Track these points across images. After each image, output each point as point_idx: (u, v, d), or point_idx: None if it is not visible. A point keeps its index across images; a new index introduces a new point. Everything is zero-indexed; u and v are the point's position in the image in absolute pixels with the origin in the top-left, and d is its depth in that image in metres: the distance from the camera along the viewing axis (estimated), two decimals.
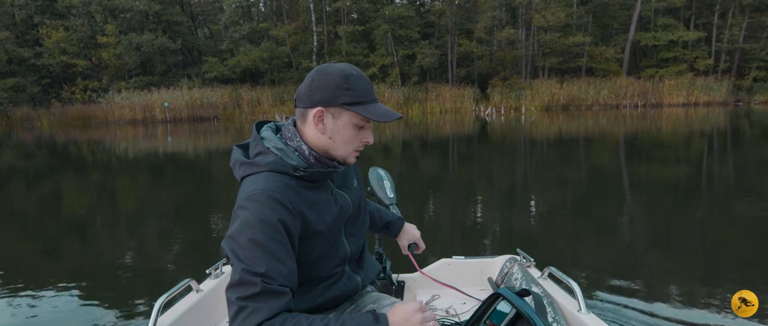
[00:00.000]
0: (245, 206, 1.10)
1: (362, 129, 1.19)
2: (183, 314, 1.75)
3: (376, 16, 27.99)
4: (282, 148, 1.18)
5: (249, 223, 1.07)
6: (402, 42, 27.88)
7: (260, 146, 1.20)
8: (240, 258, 1.05)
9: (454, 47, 28.39)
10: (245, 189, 1.14)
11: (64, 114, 26.95)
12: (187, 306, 1.81)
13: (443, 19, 28.43)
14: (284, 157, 1.17)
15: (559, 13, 26.87)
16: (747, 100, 27.27)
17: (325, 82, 1.14)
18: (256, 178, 1.15)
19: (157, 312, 1.57)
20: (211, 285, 1.99)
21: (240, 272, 1.04)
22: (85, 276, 3.85)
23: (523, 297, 1.49)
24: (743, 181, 6.94)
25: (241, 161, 1.21)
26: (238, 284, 1.04)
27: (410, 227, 1.74)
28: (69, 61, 28.27)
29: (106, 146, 15.96)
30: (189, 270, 3.90)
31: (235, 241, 1.07)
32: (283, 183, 1.13)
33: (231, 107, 26.55)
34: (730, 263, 3.66)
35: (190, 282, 1.84)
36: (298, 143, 1.19)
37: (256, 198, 1.09)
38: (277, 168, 1.15)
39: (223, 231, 4.98)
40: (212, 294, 1.94)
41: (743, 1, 26.79)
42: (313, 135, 1.18)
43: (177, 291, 1.71)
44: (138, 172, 10.27)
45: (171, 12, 29.38)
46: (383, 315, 1.08)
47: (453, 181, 7.93)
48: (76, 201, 7.42)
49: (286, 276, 1.08)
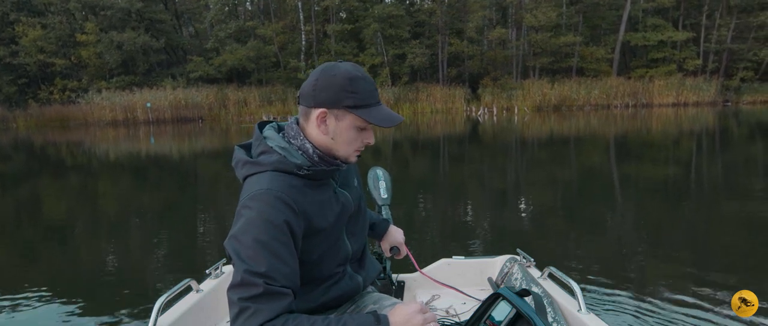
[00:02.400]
0: (249, 206, 1.09)
1: (364, 130, 1.19)
2: (183, 314, 1.75)
3: (366, 15, 27.55)
4: (285, 147, 1.17)
5: (253, 223, 1.06)
6: (392, 41, 27.51)
7: (263, 145, 1.19)
8: (242, 259, 1.04)
9: (445, 47, 28.10)
10: (249, 188, 1.13)
11: (41, 115, 25.96)
12: (187, 306, 1.80)
13: (434, 18, 28.12)
14: (288, 156, 1.16)
15: (550, 12, 26.81)
16: (735, 100, 27.51)
17: (329, 83, 1.13)
18: (259, 178, 1.14)
19: (157, 313, 1.56)
20: (211, 285, 1.98)
21: (242, 272, 1.03)
22: (79, 278, 3.83)
23: (523, 297, 1.49)
24: (743, 182, 6.88)
25: (244, 160, 1.19)
26: (240, 284, 1.03)
27: (395, 230, 1.71)
28: (47, 60, 27.30)
29: (86, 148, 15.53)
30: (179, 272, 3.85)
31: (239, 241, 1.06)
32: (287, 183, 1.12)
33: (216, 108, 25.87)
34: (731, 263, 3.63)
35: (190, 282, 1.83)
36: (301, 141, 1.18)
37: (261, 198, 1.08)
38: (280, 168, 1.14)
39: (213, 233, 4.94)
40: (212, 294, 1.94)
41: (730, 2, 27.02)
42: (316, 134, 1.18)
43: (177, 291, 1.70)
44: (121, 175, 9.92)
45: (154, 9, 28.52)
46: (384, 316, 1.08)
47: (451, 182, 7.84)
48: (58, 204, 7.10)
49: (288, 276, 1.07)
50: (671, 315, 2.76)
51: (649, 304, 2.90)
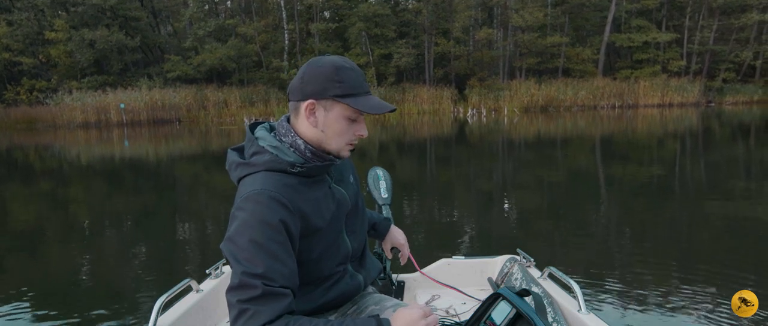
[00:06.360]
0: (243, 207, 1.08)
1: (355, 122, 1.17)
2: (183, 314, 1.73)
3: (351, 13, 26.95)
4: (277, 146, 1.16)
5: (248, 224, 1.05)
6: (378, 41, 26.97)
7: (255, 146, 1.18)
8: (239, 261, 1.03)
9: (431, 47, 27.66)
10: (243, 190, 1.12)
11: (6, 116, 24.46)
12: (187, 306, 1.78)
13: (420, 17, 27.66)
14: (280, 155, 1.15)
15: (537, 13, 26.67)
16: (718, 100, 27.85)
17: (316, 75, 1.13)
18: (253, 178, 1.13)
19: (157, 313, 1.54)
20: (211, 285, 1.97)
21: (240, 274, 1.02)
22: (78, 281, 3.81)
23: (523, 297, 1.47)
24: (743, 182, 6.85)
25: (237, 162, 1.19)
26: (239, 287, 1.02)
27: (397, 231, 1.68)
28: (13, 58, 25.87)
29: (55, 151, 14.75)
30: (174, 274, 3.84)
31: (234, 243, 1.05)
32: (280, 182, 1.12)
33: (195, 109, 24.87)
34: (731, 263, 3.61)
35: (190, 283, 1.81)
36: (292, 138, 1.17)
37: (255, 199, 1.07)
38: (273, 167, 1.13)
39: (204, 235, 4.88)
40: (212, 295, 1.93)
41: (712, 4, 27.32)
42: (306, 128, 1.17)
43: (177, 291, 1.68)
44: (94, 180, 9.35)
45: (129, 6, 27.22)
46: (386, 320, 1.07)
47: (450, 182, 7.78)
48: (31, 210, 6.79)
49: (287, 277, 1.06)
50: (671, 315, 2.76)
51: (649, 304, 2.90)
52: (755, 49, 27.80)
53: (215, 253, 3.87)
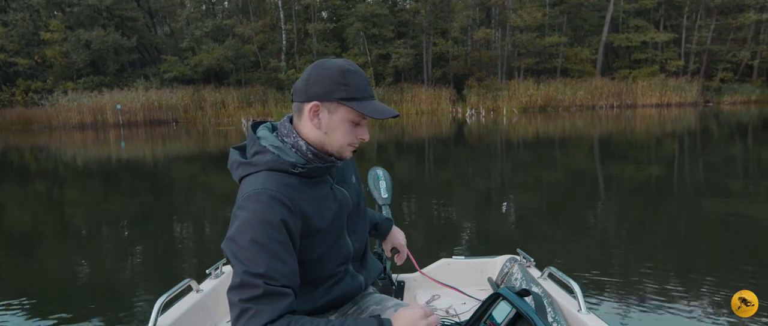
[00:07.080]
0: (244, 206, 1.08)
1: (358, 125, 1.18)
2: (183, 314, 1.73)
3: (349, 13, 26.84)
4: (279, 146, 1.16)
5: (249, 223, 1.05)
6: (376, 41, 26.86)
7: (257, 146, 1.17)
8: (240, 260, 1.03)
9: (430, 47, 27.58)
10: (244, 189, 1.13)
11: (1, 117, 24.24)
12: (187, 306, 1.78)
13: (418, 17, 27.57)
14: (281, 155, 1.15)
15: (535, 12, 26.64)
16: (716, 100, 27.86)
17: (322, 77, 1.13)
18: (254, 178, 1.13)
19: (157, 313, 1.54)
20: (211, 285, 1.97)
21: (241, 274, 1.02)
22: (78, 281, 3.80)
23: (523, 297, 1.47)
24: (743, 183, 6.84)
25: (238, 162, 1.19)
26: (240, 286, 1.02)
27: (397, 231, 1.68)
28: (8, 59, 25.56)
29: (51, 153, 14.66)
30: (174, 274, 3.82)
31: (235, 243, 1.05)
32: (282, 182, 1.12)
33: (192, 109, 24.72)
34: (731, 263, 3.62)
35: (190, 282, 1.80)
36: (294, 139, 1.17)
37: (256, 198, 1.07)
38: (275, 167, 1.13)
39: (197, 237, 4.87)
40: (212, 294, 1.92)
41: (710, 4, 27.34)
42: (309, 130, 1.17)
43: (177, 291, 1.68)
44: (91, 181, 9.27)
45: (125, 7, 27.03)
46: (387, 320, 1.08)
47: (450, 183, 7.76)
48: (30, 211, 6.75)
49: (288, 276, 1.06)
50: (672, 315, 2.76)
51: (650, 304, 2.90)
52: (752, 48, 27.81)
53: (215, 253, 3.92)
